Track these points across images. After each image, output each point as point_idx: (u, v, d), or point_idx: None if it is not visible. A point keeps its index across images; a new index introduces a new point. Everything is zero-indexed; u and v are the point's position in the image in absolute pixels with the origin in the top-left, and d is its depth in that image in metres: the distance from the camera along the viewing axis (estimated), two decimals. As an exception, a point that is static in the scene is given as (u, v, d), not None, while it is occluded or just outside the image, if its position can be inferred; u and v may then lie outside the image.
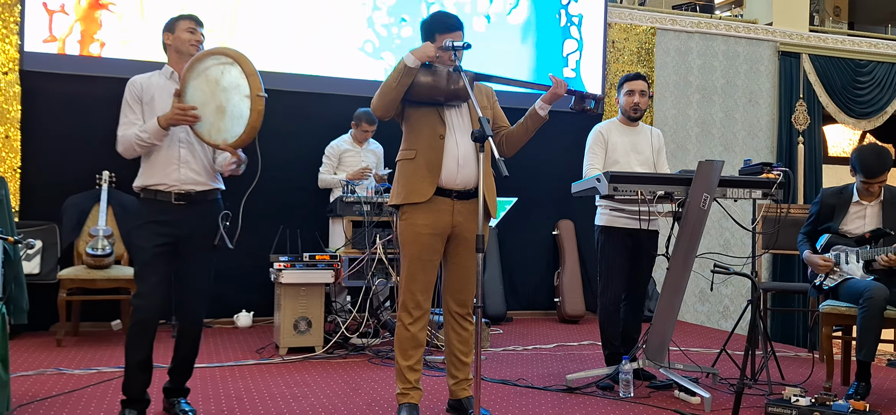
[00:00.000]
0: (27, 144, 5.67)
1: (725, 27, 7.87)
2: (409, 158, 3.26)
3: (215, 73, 3.01)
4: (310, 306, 4.82)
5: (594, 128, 4.24)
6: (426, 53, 3.11)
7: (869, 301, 3.76)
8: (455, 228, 3.26)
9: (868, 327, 3.76)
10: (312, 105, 6.36)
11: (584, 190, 3.87)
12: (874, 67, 8.38)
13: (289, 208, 6.10)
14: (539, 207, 6.95)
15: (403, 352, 3.27)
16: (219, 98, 3.01)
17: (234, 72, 2.98)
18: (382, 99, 3.18)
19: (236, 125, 3.00)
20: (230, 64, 2.99)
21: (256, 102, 2.97)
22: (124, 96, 3.16)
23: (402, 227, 3.27)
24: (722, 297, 7.72)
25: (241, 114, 2.99)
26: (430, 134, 3.23)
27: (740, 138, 7.90)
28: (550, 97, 3.29)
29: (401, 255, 3.30)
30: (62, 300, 4.99)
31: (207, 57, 3.02)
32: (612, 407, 3.65)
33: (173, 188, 3.15)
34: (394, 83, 3.13)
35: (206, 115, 3.03)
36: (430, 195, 3.20)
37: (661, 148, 4.31)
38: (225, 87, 3.00)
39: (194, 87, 3.04)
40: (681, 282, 3.85)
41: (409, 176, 3.24)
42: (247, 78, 2.96)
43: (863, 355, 3.79)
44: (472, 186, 3.26)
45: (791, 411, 3.43)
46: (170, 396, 3.37)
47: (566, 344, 5.47)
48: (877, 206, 4.08)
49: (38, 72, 5.70)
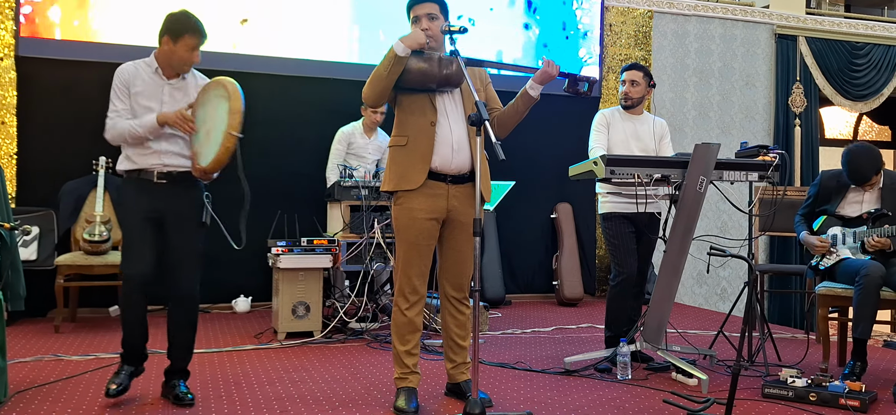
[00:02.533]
0: (23, 131, 5.65)
1: (722, 10, 7.85)
2: (401, 144, 3.25)
3: (215, 103, 3.21)
4: (308, 291, 4.82)
5: (599, 111, 4.33)
6: (416, 40, 3.10)
7: (865, 278, 3.77)
8: (451, 212, 3.26)
9: (864, 303, 3.78)
10: (311, 90, 6.34)
11: (581, 173, 3.87)
12: (871, 50, 8.37)
13: (287, 194, 6.10)
14: (537, 190, 6.96)
15: (401, 337, 3.28)
16: (208, 125, 3.20)
17: (225, 106, 3.16)
18: (373, 87, 3.18)
19: (211, 152, 3.18)
20: (226, 98, 3.17)
21: (227, 139, 3.14)
22: (114, 84, 3.26)
23: (397, 212, 3.27)
24: (719, 279, 7.74)
25: (217, 143, 3.16)
26: (421, 121, 3.22)
27: (737, 121, 7.90)
28: (541, 77, 3.27)
29: (396, 240, 3.30)
30: (60, 286, 4.99)
31: (218, 86, 3.22)
32: (610, 389, 3.66)
33: (155, 168, 3.26)
34: (384, 72, 3.13)
35: (200, 135, 3.24)
36: (422, 182, 3.19)
37: (664, 136, 4.36)
38: (216, 119, 3.19)
39: (203, 109, 3.25)
40: (678, 264, 3.86)
41: (400, 162, 3.24)
42: (230, 115, 3.13)
43: (859, 332, 3.80)
44: (466, 171, 3.26)
45: (788, 392, 3.45)
46: (170, 378, 3.38)
47: (565, 327, 5.49)
48: (875, 191, 4.08)
49: (33, 58, 5.68)
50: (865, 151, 4.05)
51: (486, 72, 3.47)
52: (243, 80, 6.06)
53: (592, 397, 3.51)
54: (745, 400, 3.47)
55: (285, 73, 6.24)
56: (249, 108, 6.53)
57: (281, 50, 6.25)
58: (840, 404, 3.33)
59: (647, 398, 3.51)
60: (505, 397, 3.49)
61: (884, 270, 3.82)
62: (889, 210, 3.99)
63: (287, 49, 6.28)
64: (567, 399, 3.47)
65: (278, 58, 6.22)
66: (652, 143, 4.28)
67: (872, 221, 3.99)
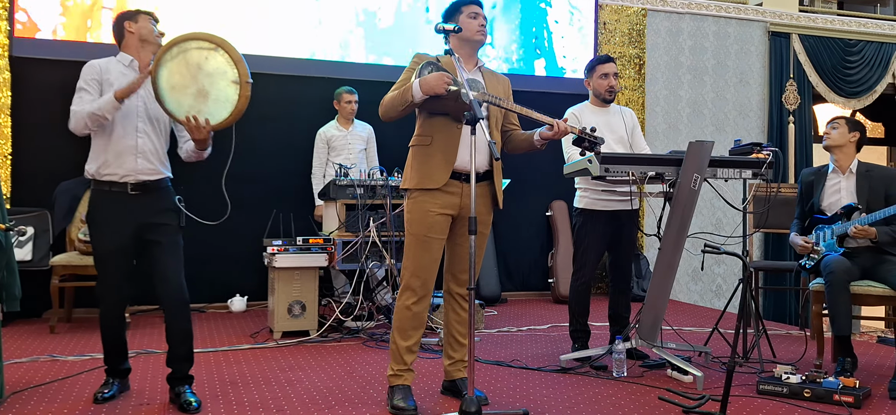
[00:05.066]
0: (17, 131, 5.64)
1: (716, 8, 7.87)
2: (425, 144, 3.26)
3: (196, 57, 3.06)
4: (304, 290, 4.82)
5: (568, 111, 4.25)
6: (433, 89, 3.07)
7: (830, 276, 3.83)
8: (462, 210, 3.29)
9: (834, 301, 3.82)
10: (304, 89, 6.34)
11: (575, 171, 3.88)
12: (863, 47, 8.40)
13: (282, 193, 6.10)
14: (533, 188, 6.97)
15: (403, 332, 3.27)
16: (201, 82, 3.07)
17: (218, 58, 3.06)
18: (387, 113, 3.24)
19: (222, 109, 3.09)
20: (213, 50, 3.05)
21: (245, 88, 3.07)
22: (81, 77, 3.23)
23: (411, 206, 3.27)
24: (715, 276, 7.76)
25: (228, 98, 3.07)
26: (447, 122, 3.23)
27: (731, 118, 7.92)
28: (550, 137, 3.32)
29: (406, 234, 3.30)
30: (55, 287, 4.99)
31: (188, 40, 3.06)
32: (605, 386, 3.67)
33: (128, 179, 3.22)
34: (400, 106, 3.17)
35: (185, 96, 3.08)
36: (445, 181, 3.22)
37: (635, 126, 4.36)
38: (210, 73, 3.06)
39: (171, 70, 3.06)
40: (673, 262, 3.87)
41: (423, 161, 3.25)
42: (235, 65, 3.05)
43: (836, 329, 3.83)
44: (483, 170, 3.31)
45: (782, 388, 3.46)
46: (175, 385, 3.32)
47: (560, 325, 5.50)
48: (851, 178, 4.12)
49: (27, 58, 5.66)
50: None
51: (509, 82, 3.52)
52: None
53: (588, 395, 3.52)
54: (740, 397, 3.48)
55: (280, 72, 6.23)
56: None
57: (274, 48, 6.24)
58: (834, 400, 3.35)
59: (643, 395, 3.52)
60: (501, 395, 3.50)
61: (848, 264, 3.87)
62: (863, 198, 4.04)
63: (280, 48, 6.27)
64: (563, 397, 3.48)
65: (272, 56, 6.21)
66: (625, 133, 4.28)
67: (846, 215, 4.02)
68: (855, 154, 4.16)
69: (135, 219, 3.21)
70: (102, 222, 3.23)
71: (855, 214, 3.99)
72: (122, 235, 3.21)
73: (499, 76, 3.47)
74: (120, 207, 3.21)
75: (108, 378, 3.41)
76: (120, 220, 3.20)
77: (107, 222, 3.21)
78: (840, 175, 4.15)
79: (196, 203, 3.45)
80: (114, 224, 3.20)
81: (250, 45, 6.15)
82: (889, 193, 4.01)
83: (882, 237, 3.91)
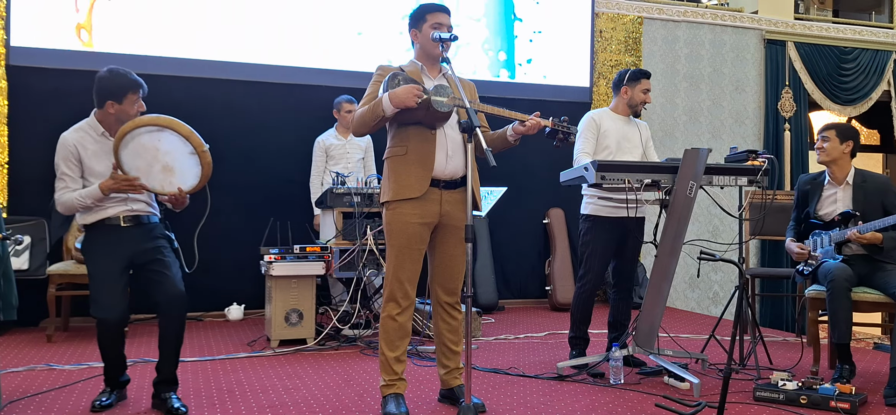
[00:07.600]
0: (14, 140, 5.63)
1: (712, 16, 7.90)
2: (400, 153, 3.25)
3: (151, 140, 3.21)
4: (301, 298, 4.83)
5: (586, 114, 4.29)
6: (404, 103, 3.07)
7: (831, 283, 3.82)
8: (443, 217, 3.28)
9: (835, 308, 3.81)
10: (301, 97, 6.35)
11: (572, 179, 3.89)
12: (859, 54, 8.44)
13: (280, 201, 6.10)
14: (529, 195, 6.98)
15: (390, 343, 3.27)
16: (162, 160, 3.24)
17: (169, 137, 3.22)
18: (359, 130, 3.29)
19: (189, 177, 3.27)
20: (160, 131, 3.21)
21: (204, 156, 3.24)
22: (60, 153, 3.33)
23: (389, 217, 3.27)
24: (711, 283, 7.78)
25: (191, 167, 3.25)
26: (420, 130, 3.23)
27: (728, 126, 7.95)
28: (523, 131, 3.34)
29: (387, 246, 3.31)
30: (52, 296, 4.98)
31: (135, 127, 3.19)
32: (602, 394, 3.68)
33: (121, 214, 3.32)
34: (371, 122, 3.20)
35: (154, 174, 3.25)
36: (424, 191, 3.20)
37: (649, 139, 4.39)
38: (168, 151, 3.24)
39: (130, 155, 3.22)
40: (669, 269, 3.88)
41: (401, 172, 3.23)
42: (187, 140, 3.21)
43: (836, 336, 3.83)
44: (459, 176, 3.29)
45: (779, 395, 3.47)
46: (160, 391, 3.33)
47: (557, 332, 5.50)
48: (848, 189, 4.12)
49: (24, 66, 5.66)
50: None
51: (474, 86, 3.50)
52: (231, 87, 6.16)
53: (585, 402, 3.52)
54: (736, 403, 3.49)
55: (276, 80, 6.24)
56: (241, 115, 6.55)
57: (271, 57, 6.26)
58: (830, 407, 3.35)
59: (640, 402, 3.52)
60: (498, 403, 3.50)
61: (849, 271, 3.86)
62: (859, 208, 4.04)
63: (277, 56, 6.28)
64: (560, 404, 3.49)
65: (269, 65, 6.22)
66: (641, 145, 4.30)
67: (844, 222, 4.02)
68: (850, 163, 4.15)
69: (129, 248, 3.30)
70: (97, 251, 3.29)
71: (852, 222, 3.99)
72: (117, 260, 3.27)
73: (465, 80, 3.42)
74: (115, 238, 3.30)
75: (105, 387, 3.42)
76: (115, 247, 3.28)
77: (102, 250, 3.28)
78: (836, 187, 4.15)
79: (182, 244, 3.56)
80: (108, 249, 3.28)
81: (249, 53, 6.17)
82: (885, 203, 4.02)
83: (888, 243, 3.91)
